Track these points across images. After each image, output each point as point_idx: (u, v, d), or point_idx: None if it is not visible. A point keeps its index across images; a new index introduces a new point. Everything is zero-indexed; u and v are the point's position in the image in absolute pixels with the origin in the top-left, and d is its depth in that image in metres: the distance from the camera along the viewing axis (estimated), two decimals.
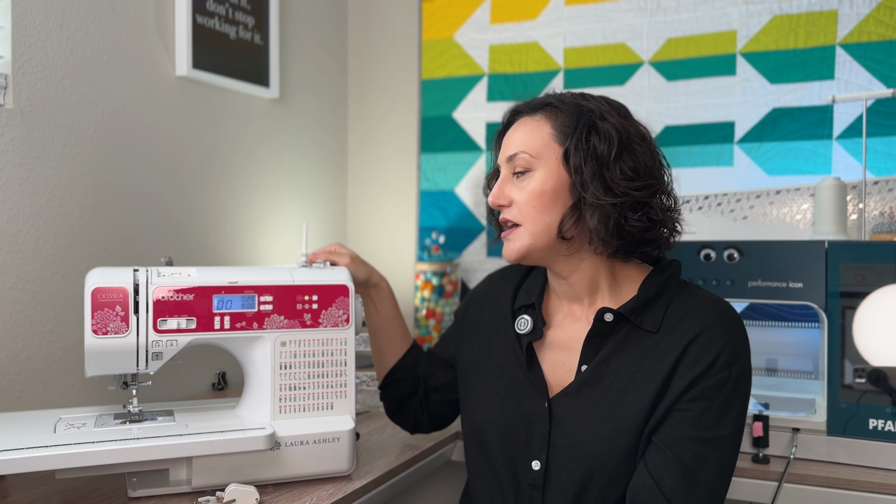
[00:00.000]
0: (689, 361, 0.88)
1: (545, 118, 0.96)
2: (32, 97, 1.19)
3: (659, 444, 0.88)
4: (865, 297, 1.17)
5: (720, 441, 0.87)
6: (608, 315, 0.93)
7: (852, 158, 1.54)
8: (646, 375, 0.90)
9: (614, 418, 0.90)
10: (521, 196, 0.95)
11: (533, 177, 0.94)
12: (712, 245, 1.30)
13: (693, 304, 0.93)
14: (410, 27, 2.01)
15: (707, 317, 0.90)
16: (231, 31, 1.60)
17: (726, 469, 0.88)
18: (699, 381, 0.87)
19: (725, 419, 0.87)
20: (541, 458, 0.94)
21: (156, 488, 0.96)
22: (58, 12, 1.23)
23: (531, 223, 0.94)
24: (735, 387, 0.88)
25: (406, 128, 2.02)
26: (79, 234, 1.27)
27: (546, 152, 0.94)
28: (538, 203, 0.94)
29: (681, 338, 0.90)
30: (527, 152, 0.95)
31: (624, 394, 0.90)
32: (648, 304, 0.94)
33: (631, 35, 1.75)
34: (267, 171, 1.74)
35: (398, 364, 1.17)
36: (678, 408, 0.88)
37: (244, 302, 1.00)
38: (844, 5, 1.55)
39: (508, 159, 0.97)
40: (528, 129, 0.97)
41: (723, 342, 0.88)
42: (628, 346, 0.93)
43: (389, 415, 1.21)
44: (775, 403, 1.28)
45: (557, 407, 0.94)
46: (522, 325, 1.01)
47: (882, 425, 1.14)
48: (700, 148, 1.67)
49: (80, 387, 1.27)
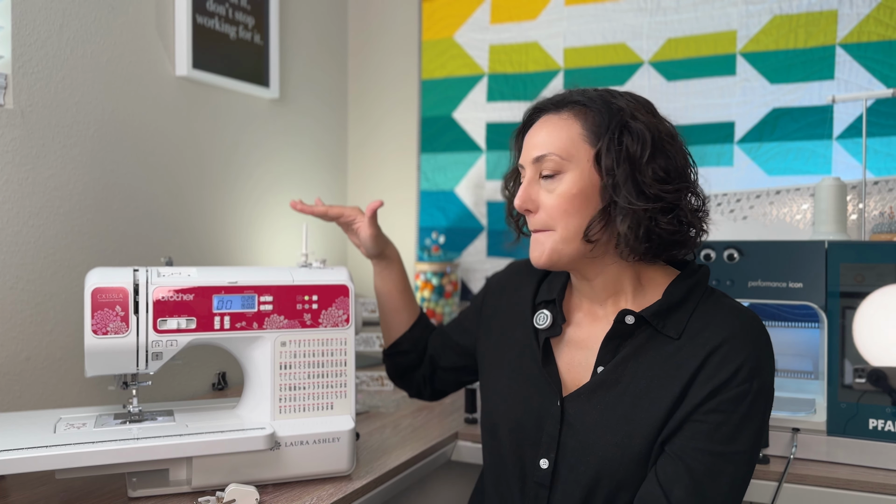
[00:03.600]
0: (710, 372, 0.85)
1: (573, 117, 0.92)
2: (32, 97, 1.19)
3: (671, 455, 0.85)
4: (865, 297, 1.17)
5: (736, 456, 0.84)
6: (629, 318, 0.90)
7: (852, 158, 1.54)
8: (663, 382, 0.87)
9: (627, 423, 0.87)
10: (550, 199, 0.91)
11: (563, 179, 0.90)
12: (712, 245, 1.30)
13: (718, 312, 0.90)
14: (410, 27, 2.01)
15: (732, 327, 0.87)
16: (231, 31, 1.60)
17: (740, 486, 0.85)
18: (718, 393, 0.84)
19: (743, 434, 0.84)
20: (549, 457, 0.92)
21: (156, 488, 0.96)
22: (58, 12, 1.23)
23: (562, 227, 0.90)
24: (755, 401, 0.85)
25: (406, 128, 2.02)
26: (79, 234, 1.27)
27: (576, 153, 0.90)
28: (569, 206, 0.90)
29: (703, 346, 0.87)
30: (556, 154, 0.90)
31: (639, 399, 0.88)
32: (672, 310, 0.90)
33: (631, 35, 1.75)
34: (267, 171, 1.74)
35: (404, 336, 1.21)
36: (694, 418, 0.85)
37: (244, 302, 1.00)
38: (844, 5, 1.55)
39: (535, 160, 0.92)
40: (555, 129, 0.92)
41: (746, 354, 0.85)
42: (647, 351, 0.90)
43: (391, 378, 1.25)
44: (775, 403, 1.27)
45: (570, 407, 0.92)
46: (542, 320, 0.99)
47: (882, 425, 1.14)
48: (700, 148, 1.67)
49: (80, 387, 1.27)
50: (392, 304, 1.22)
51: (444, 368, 1.18)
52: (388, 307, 1.22)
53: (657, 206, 0.88)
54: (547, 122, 0.94)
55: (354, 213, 1.20)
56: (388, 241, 1.22)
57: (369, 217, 1.18)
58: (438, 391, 1.22)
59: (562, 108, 0.94)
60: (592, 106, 0.91)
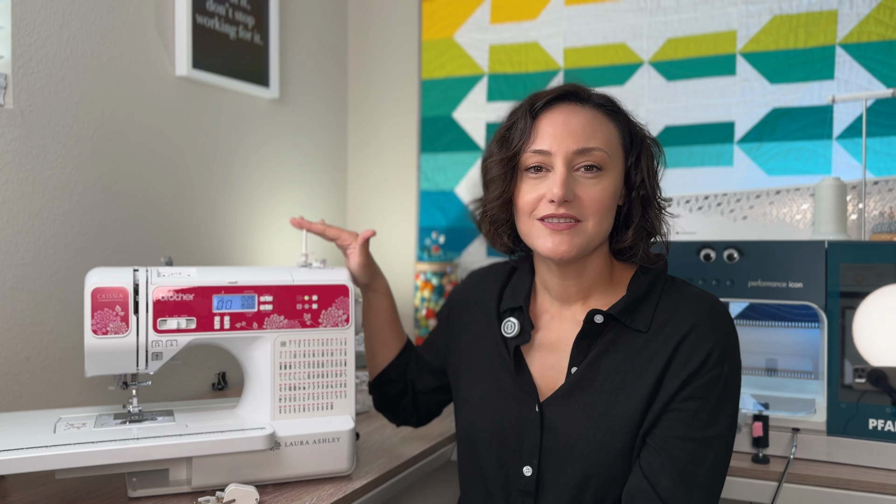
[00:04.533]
0: (681, 360, 0.88)
1: (606, 117, 0.92)
2: (32, 97, 1.19)
3: (653, 446, 0.87)
4: (865, 297, 1.17)
5: (715, 440, 0.87)
6: (598, 317, 0.92)
7: (852, 158, 1.54)
8: (637, 375, 0.89)
9: (608, 420, 0.89)
10: (592, 193, 0.89)
11: (607, 176, 0.90)
12: (712, 245, 1.30)
13: (682, 301, 0.92)
14: (410, 27, 2.01)
15: (697, 314, 0.90)
16: (231, 31, 1.60)
17: (722, 466, 0.88)
18: (692, 380, 0.87)
19: (719, 417, 0.87)
20: (532, 464, 0.92)
21: (156, 488, 0.96)
22: (58, 12, 1.23)
23: (595, 223, 0.90)
24: (728, 383, 0.88)
25: (406, 128, 2.02)
26: (79, 234, 1.27)
27: (616, 156, 0.92)
28: (609, 203, 0.90)
29: (671, 336, 0.89)
30: (605, 150, 0.89)
31: (616, 395, 0.89)
32: (638, 304, 0.93)
33: (631, 35, 1.75)
34: (267, 171, 1.74)
35: (391, 364, 1.17)
36: (672, 408, 0.87)
37: (244, 302, 1.00)
38: (844, 5, 1.55)
39: (579, 152, 0.88)
40: (599, 124, 0.91)
41: (714, 339, 0.88)
42: (618, 346, 0.92)
43: (379, 409, 1.20)
44: (775, 403, 1.28)
45: (549, 411, 0.93)
46: (510, 329, 0.99)
47: (882, 425, 1.14)
48: (700, 148, 1.67)
49: (80, 387, 1.27)
50: (380, 337, 1.16)
51: (423, 392, 1.16)
52: (376, 339, 1.17)
53: (658, 214, 0.95)
54: (582, 112, 0.91)
55: (350, 239, 1.12)
56: (378, 273, 1.15)
57: (360, 245, 1.10)
58: (423, 416, 1.19)
59: (585, 104, 0.92)
60: (619, 117, 0.94)
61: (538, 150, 0.90)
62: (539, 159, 0.90)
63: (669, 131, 1.70)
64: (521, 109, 0.94)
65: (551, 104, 0.92)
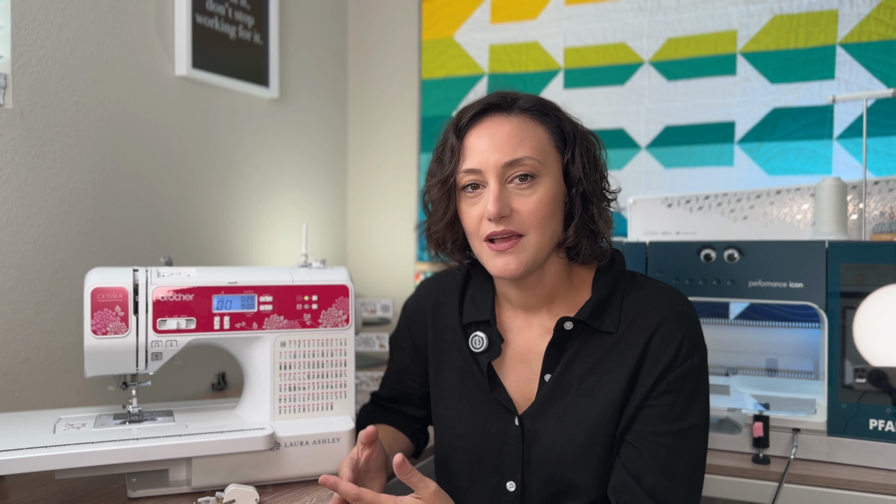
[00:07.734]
0: (653, 357, 0.88)
1: (534, 121, 0.90)
2: (32, 97, 1.19)
3: (632, 443, 0.88)
4: (866, 297, 1.17)
5: (692, 430, 0.88)
6: (568, 324, 0.92)
7: (852, 158, 1.54)
8: (611, 376, 0.90)
9: (587, 423, 0.89)
10: (528, 204, 0.87)
11: (541, 184, 0.88)
12: (712, 245, 1.30)
13: (646, 297, 0.92)
14: (410, 27, 2.00)
15: (662, 308, 0.90)
16: (231, 31, 1.60)
17: (702, 454, 0.89)
18: (666, 376, 0.88)
19: (694, 408, 0.88)
20: (515, 479, 0.92)
21: (155, 488, 0.95)
22: (58, 12, 1.23)
23: (537, 233, 0.88)
24: (699, 374, 0.90)
25: (406, 128, 2.02)
26: (79, 234, 1.27)
27: (549, 159, 0.89)
28: (548, 211, 0.88)
29: (640, 333, 0.90)
30: (534, 157, 0.87)
31: (592, 397, 0.90)
32: (604, 306, 0.92)
33: (631, 35, 1.75)
34: (267, 171, 1.74)
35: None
36: (648, 404, 0.88)
37: (244, 302, 1.00)
38: (844, 5, 1.55)
39: (508, 164, 0.87)
40: (524, 131, 0.89)
41: (682, 332, 0.89)
42: (588, 349, 0.92)
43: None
44: (775, 403, 1.28)
45: (529, 422, 0.92)
46: (478, 344, 0.97)
47: (882, 425, 1.14)
48: (700, 148, 1.67)
49: (80, 387, 1.27)
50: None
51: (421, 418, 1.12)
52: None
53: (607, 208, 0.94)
54: (507, 123, 0.89)
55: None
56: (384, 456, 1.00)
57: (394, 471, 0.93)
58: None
59: (511, 112, 0.90)
60: (550, 113, 0.91)
61: (469, 168, 0.89)
62: (472, 178, 0.89)
63: (670, 131, 1.70)
64: (449, 128, 0.93)
65: (477, 118, 0.91)
